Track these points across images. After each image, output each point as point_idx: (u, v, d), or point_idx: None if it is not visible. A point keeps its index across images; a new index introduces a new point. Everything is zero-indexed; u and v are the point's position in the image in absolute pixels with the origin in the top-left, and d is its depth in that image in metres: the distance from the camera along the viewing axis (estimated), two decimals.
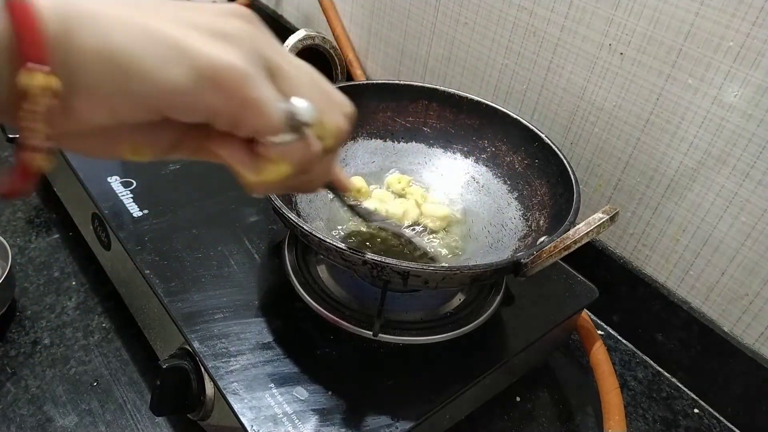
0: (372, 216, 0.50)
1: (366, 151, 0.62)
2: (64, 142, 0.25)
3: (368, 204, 0.57)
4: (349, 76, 0.88)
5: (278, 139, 0.27)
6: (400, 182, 0.59)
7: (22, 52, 0.20)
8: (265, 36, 0.27)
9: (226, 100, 0.24)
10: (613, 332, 0.68)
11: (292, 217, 0.43)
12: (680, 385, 0.63)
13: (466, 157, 0.61)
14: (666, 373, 0.64)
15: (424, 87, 0.61)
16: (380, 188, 0.60)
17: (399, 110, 0.62)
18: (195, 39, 0.24)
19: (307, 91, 0.28)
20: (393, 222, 0.54)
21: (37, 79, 0.20)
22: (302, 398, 0.44)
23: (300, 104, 0.27)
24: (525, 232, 0.55)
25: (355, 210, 0.47)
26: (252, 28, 0.26)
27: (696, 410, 0.61)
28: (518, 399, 0.58)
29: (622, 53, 0.58)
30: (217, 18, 0.25)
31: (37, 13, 0.20)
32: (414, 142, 0.63)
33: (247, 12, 0.27)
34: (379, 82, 0.62)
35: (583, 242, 0.42)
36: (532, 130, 0.57)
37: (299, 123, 0.27)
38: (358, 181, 0.58)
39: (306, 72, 0.29)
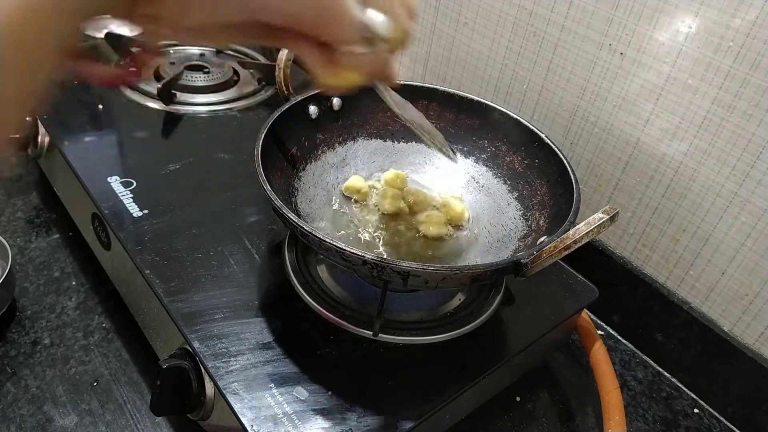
0: (406, 111, 0.47)
1: (366, 151, 0.62)
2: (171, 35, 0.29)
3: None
4: None
5: (352, 49, 0.29)
6: (398, 177, 0.59)
7: None
8: None
9: (306, 6, 0.27)
10: (613, 332, 0.68)
11: (292, 217, 0.43)
12: (680, 385, 0.63)
13: (466, 157, 0.61)
14: (666, 373, 0.64)
15: (424, 87, 0.61)
16: (380, 183, 0.60)
17: None
18: None
19: (373, 3, 0.30)
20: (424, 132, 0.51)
21: None
22: (302, 398, 0.44)
23: (377, 18, 0.28)
24: (525, 232, 0.55)
25: (392, 99, 0.45)
26: None
27: (696, 410, 0.61)
28: (518, 399, 0.58)
29: (622, 53, 0.58)
30: None
31: None
32: (414, 142, 0.63)
33: None
34: None
35: (583, 242, 0.42)
36: (532, 130, 0.57)
37: (375, 36, 0.29)
38: (357, 181, 0.58)
39: None
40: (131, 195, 0.59)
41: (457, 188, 0.60)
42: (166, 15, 0.26)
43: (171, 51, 0.83)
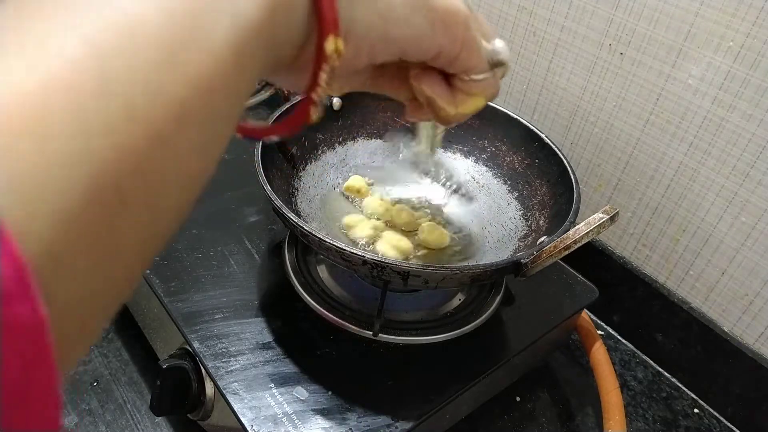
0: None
1: (366, 151, 0.62)
2: None
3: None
4: None
5: (481, 77, 0.32)
6: (382, 200, 0.57)
7: (322, 24, 0.23)
8: None
9: (453, 40, 0.29)
10: (613, 332, 0.68)
11: (292, 217, 0.43)
12: (680, 385, 0.63)
13: (466, 157, 0.61)
14: (666, 373, 0.64)
15: None
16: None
17: (399, 110, 0.62)
18: None
19: (491, 33, 0.33)
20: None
21: (332, 45, 0.24)
22: (302, 398, 0.44)
23: (501, 46, 0.32)
24: (525, 232, 0.55)
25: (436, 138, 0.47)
26: None
27: (696, 410, 0.61)
28: (518, 399, 0.58)
29: (622, 53, 0.58)
30: None
31: None
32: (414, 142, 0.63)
33: None
34: None
35: (583, 242, 0.42)
36: (532, 130, 0.57)
37: (498, 62, 0.32)
38: (357, 181, 0.58)
39: (481, 16, 0.33)
40: None
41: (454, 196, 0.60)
42: (345, 58, 0.26)
43: None
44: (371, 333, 0.48)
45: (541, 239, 0.49)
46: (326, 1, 0.23)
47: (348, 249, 0.41)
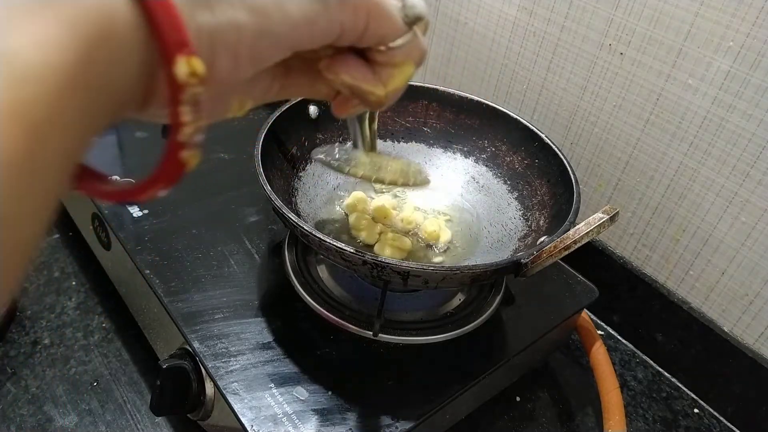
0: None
1: None
2: None
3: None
4: None
5: (401, 41, 0.27)
6: (360, 201, 0.57)
7: (163, 45, 0.18)
8: None
9: (354, 13, 0.25)
10: (613, 332, 0.68)
11: (292, 217, 0.43)
12: (680, 385, 0.63)
13: (466, 157, 0.61)
14: (666, 373, 0.64)
15: (424, 87, 0.61)
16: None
17: (399, 110, 0.62)
18: None
19: None
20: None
21: (184, 68, 0.18)
22: (302, 398, 0.44)
23: (413, 0, 0.27)
24: (525, 232, 0.55)
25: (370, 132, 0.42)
26: None
27: (696, 410, 0.61)
28: (518, 399, 0.58)
29: (622, 53, 0.58)
30: None
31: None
32: (414, 142, 0.63)
33: None
34: None
35: (583, 242, 0.42)
36: (532, 130, 0.57)
37: (415, 17, 0.27)
38: (357, 198, 0.58)
39: None
40: None
41: (457, 188, 0.60)
42: (219, 75, 0.21)
43: None
44: (371, 333, 0.48)
45: (541, 239, 0.49)
46: (162, 15, 0.18)
47: (348, 249, 0.41)
